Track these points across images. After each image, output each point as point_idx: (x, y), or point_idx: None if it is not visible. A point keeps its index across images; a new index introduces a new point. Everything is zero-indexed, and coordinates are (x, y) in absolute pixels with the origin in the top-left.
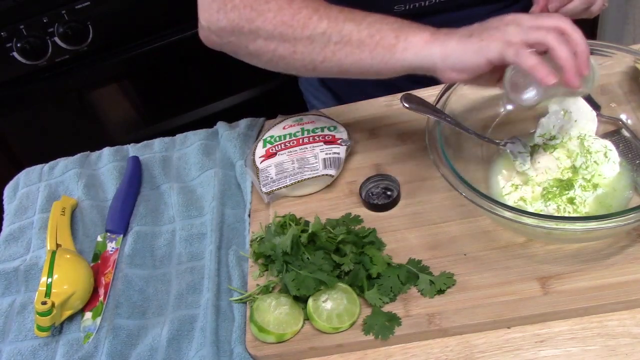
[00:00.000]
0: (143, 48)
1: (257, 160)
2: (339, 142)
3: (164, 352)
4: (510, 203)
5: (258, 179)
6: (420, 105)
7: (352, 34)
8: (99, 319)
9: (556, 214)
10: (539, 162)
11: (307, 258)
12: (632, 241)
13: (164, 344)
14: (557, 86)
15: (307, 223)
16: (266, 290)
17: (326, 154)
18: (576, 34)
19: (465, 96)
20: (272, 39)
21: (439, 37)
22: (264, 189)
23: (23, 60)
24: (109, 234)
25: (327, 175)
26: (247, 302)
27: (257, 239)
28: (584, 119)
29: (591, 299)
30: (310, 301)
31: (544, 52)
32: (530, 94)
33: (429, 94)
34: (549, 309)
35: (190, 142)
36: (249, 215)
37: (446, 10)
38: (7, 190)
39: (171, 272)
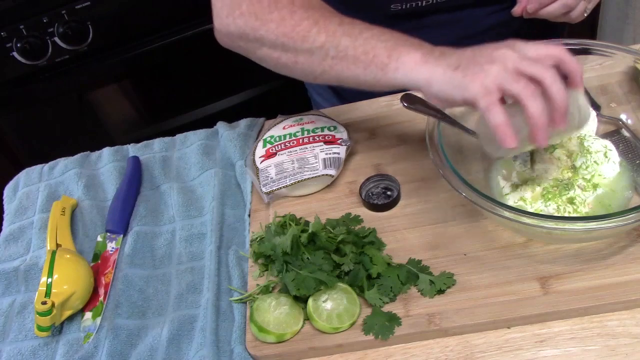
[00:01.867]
0: (143, 48)
1: (257, 160)
2: (339, 142)
3: (164, 352)
4: (510, 203)
5: (258, 179)
6: (420, 105)
7: (347, 49)
8: (99, 319)
9: (556, 214)
10: (539, 162)
11: (307, 258)
12: (632, 241)
13: (164, 344)
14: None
15: (307, 223)
16: (266, 290)
17: (326, 154)
18: (555, 87)
19: None
20: (275, 48)
21: (429, 61)
22: (264, 189)
23: (23, 60)
24: (109, 234)
25: (327, 175)
26: (247, 302)
27: (257, 239)
28: None
29: (591, 299)
30: (310, 301)
31: None
32: (500, 147)
33: None
34: (549, 309)
35: (190, 142)
36: (249, 215)
37: (443, 11)
38: (7, 190)
39: (171, 272)
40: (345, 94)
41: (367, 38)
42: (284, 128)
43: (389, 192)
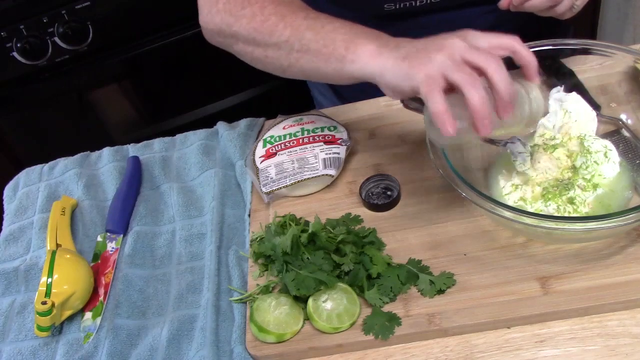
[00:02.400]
0: (143, 48)
1: (257, 160)
2: (339, 142)
3: (164, 352)
4: (510, 203)
5: (258, 179)
6: (421, 105)
7: (310, 43)
8: (99, 319)
9: (556, 214)
10: (539, 162)
11: (307, 258)
12: (632, 241)
13: (164, 344)
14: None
15: (307, 223)
16: (266, 290)
17: (326, 154)
18: (498, 75)
19: None
20: (248, 43)
21: (382, 52)
22: (264, 189)
23: (23, 60)
24: (109, 234)
25: (327, 175)
26: (247, 302)
27: (257, 239)
28: (584, 119)
29: (591, 299)
30: (310, 301)
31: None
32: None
33: None
34: (549, 309)
35: (190, 142)
36: (249, 215)
37: (437, 10)
38: (7, 190)
39: (171, 272)
40: (345, 93)
41: (329, 31)
42: (284, 128)
43: (389, 192)
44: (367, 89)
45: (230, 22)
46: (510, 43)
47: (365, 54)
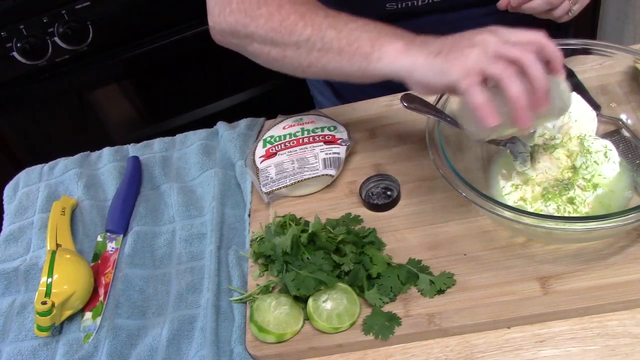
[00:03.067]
0: (143, 48)
1: (257, 160)
2: (339, 142)
3: (164, 352)
4: (510, 203)
5: (258, 179)
6: (420, 105)
7: (333, 41)
8: (99, 319)
9: (556, 214)
10: (539, 162)
11: (307, 258)
12: (632, 241)
13: (164, 344)
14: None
15: (307, 223)
16: (266, 290)
17: (326, 154)
18: (534, 68)
19: None
20: (265, 43)
21: (411, 49)
22: (264, 189)
23: (23, 60)
24: (109, 234)
25: (327, 175)
26: (247, 302)
27: (257, 239)
28: (584, 119)
29: (591, 299)
30: (310, 301)
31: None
32: (481, 129)
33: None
34: (549, 309)
35: (190, 142)
36: (249, 215)
37: (440, 10)
38: (7, 190)
39: (171, 272)
40: (345, 93)
41: (352, 29)
42: (284, 128)
43: (389, 192)
44: (367, 89)
45: (246, 23)
46: (538, 38)
47: (392, 50)
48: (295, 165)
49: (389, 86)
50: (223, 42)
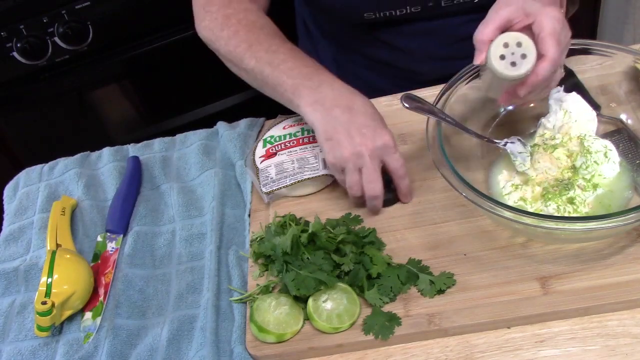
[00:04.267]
0: (143, 48)
1: (257, 160)
2: None
3: (164, 352)
4: (510, 203)
5: (258, 179)
6: (420, 105)
7: (268, 78)
8: (99, 319)
9: (556, 214)
10: (539, 162)
11: (307, 258)
12: (632, 241)
13: (164, 344)
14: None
15: (307, 223)
16: (266, 290)
17: None
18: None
19: (465, 96)
20: (227, 61)
21: (317, 109)
22: (264, 189)
23: (23, 60)
24: (109, 234)
25: (327, 175)
26: (247, 302)
27: (257, 239)
28: (584, 119)
29: (591, 299)
30: (310, 301)
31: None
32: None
33: (429, 94)
34: (549, 309)
35: (190, 142)
36: (249, 215)
37: (419, 19)
38: (7, 190)
39: (171, 272)
40: None
41: (282, 71)
42: (284, 128)
43: (392, 186)
44: (360, 90)
45: (213, 39)
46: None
47: (306, 105)
48: (295, 165)
49: (375, 88)
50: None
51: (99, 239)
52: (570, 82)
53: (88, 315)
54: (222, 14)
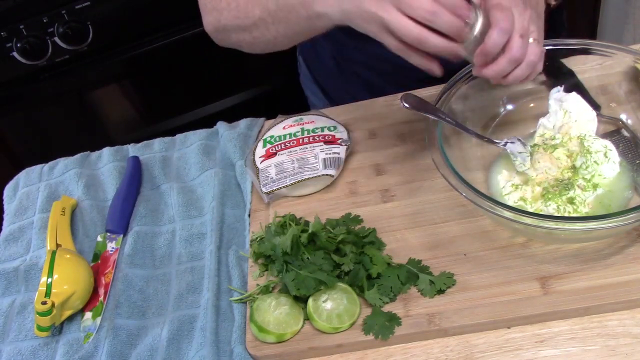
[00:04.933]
0: (143, 48)
1: (257, 160)
2: (339, 142)
3: (164, 352)
4: (510, 203)
5: (258, 179)
6: (420, 105)
7: (276, 11)
8: (99, 319)
9: (556, 214)
10: (539, 162)
11: (307, 258)
12: (632, 241)
13: (164, 344)
14: None
15: (307, 223)
16: (266, 290)
17: (326, 154)
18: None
19: (465, 96)
20: (236, 31)
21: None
22: (264, 189)
23: (23, 60)
24: (109, 234)
25: (327, 175)
26: (247, 302)
27: (257, 239)
28: (584, 119)
29: (591, 299)
30: (310, 301)
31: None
32: None
33: (429, 94)
34: (549, 309)
35: (190, 142)
36: (249, 215)
37: None
38: (7, 190)
39: (171, 272)
40: (332, 94)
41: None
42: (284, 128)
43: None
44: (351, 90)
45: (218, 17)
46: None
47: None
48: (295, 165)
49: (375, 87)
50: (216, 40)
51: (99, 239)
52: (570, 82)
53: (88, 315)
54: None
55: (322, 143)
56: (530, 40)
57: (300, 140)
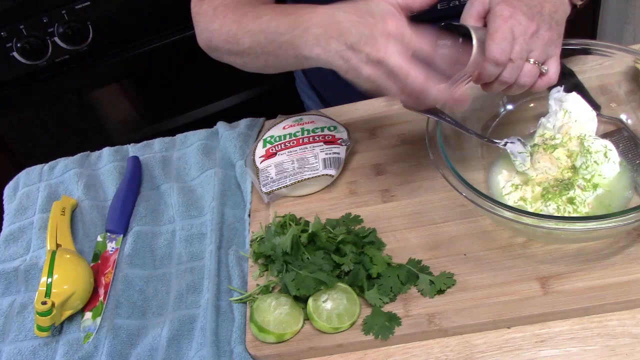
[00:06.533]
0: (143, 48)
1: (257, 160)
2: (339, 142)
3: (164, 352)
4: (510, 203)
5: (258, 179)
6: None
7: (265, 44)
8: (99, 319)
9: (556, 214)
10: (539, 162)
11: (307, 258)
12: (632, 241)
13: (164, 344)
14: None
15: (307, 223)
16: (266, 290)
17: (326, 154)
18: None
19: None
20: (228, 54)
21: (317, 44)
22: (264, 189)
23: (23, 60)
24: (109, 234)
25: (327, 175)
26: (247, 302)
27: (257, 239)
28: (584, 119)
29: (591, 299)
30: (310, 301)
31: None
32: None
33: None
34: (549, 309)
35: (190, 142)
36: (249, 215)
37: (415, 21)
38: (7, 190)
39: (171, 272)
40: (328, 98)
41: (276, 24)
42: (284, 128)
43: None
44: (347, 93)
45: (210, 37)
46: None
47: (312, 36)
48: (295, 165)
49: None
50: (212, 57)
51: (99, 239)
52: (570, 82)
53: (88, 315)
54: (212, 6)
55: (322, 143)
56: (531, 61)
57: (300, 140)
